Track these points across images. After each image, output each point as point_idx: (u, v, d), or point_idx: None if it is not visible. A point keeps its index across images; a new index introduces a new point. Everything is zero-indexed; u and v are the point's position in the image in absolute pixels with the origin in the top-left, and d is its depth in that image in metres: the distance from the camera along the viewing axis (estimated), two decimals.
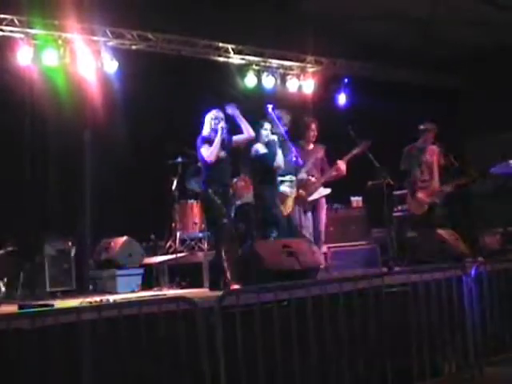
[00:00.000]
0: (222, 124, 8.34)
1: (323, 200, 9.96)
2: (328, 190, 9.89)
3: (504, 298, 6.91)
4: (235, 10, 11.03)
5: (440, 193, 10.35)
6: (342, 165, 9.70)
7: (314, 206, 9.82)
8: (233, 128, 8.61)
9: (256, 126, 9.12)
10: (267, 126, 9.29)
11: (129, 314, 4.61)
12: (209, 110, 8.55)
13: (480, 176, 10.30)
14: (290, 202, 9.42)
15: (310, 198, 9.69)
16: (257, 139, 9.22)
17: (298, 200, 9.59)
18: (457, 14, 12.21)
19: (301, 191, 9.58)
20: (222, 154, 8.35)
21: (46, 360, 4.28)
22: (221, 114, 8.46)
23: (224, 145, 8.35)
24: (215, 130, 8.33)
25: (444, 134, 10.61)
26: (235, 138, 8.59)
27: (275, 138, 9.14)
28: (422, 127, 10.50)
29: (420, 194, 10.34)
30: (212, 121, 8.42)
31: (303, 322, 5.36)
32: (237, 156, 9.22)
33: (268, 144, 9.22)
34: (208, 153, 8.24)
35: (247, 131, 8.60)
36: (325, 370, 5.47)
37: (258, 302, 5.06)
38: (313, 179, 9.77)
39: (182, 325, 4.73)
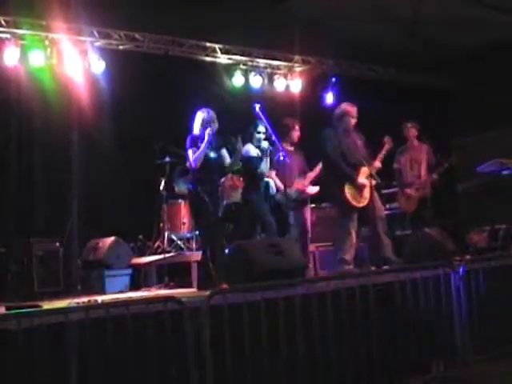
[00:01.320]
0: (209, 129, 8.32)
1: (307, 199, 9.99)
2: (316, 188, 9.87)
3: (492, 296, 6.93)
4: (222, 9, 11.01)
5: (426, 183, 10.43)
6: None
7: (298, 206, 9.77)
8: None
9: (250, 128, 9.16)
10: (261, 129, 9.27)
11: (116, 315, 4.60)
12: (199, 108, 8.55)
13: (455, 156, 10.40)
14: (366, 194, 9.32)
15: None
16: (249, 140, 9.25)
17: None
18: (445, 13, 12.22)
19: None
20: (210, 154, 8.36)
21: (33, 361, 4.26)
22: (212, 115, 8.45)
23: (212, 145, 8.36)
24: (204, 132, 8.33)
25: (432, 133, 10.66)
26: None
27: (267, 144, 9.12)
28: (403, 126, 10.69)
29: (409, 190, 10.55)
30: (203, 121, 8.42)
31: (291, 321, 5.36)
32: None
33: (259, 148, 9.22)
34: (193, 158, 8.26)
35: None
36: (312, 368, 5.47)
37: (245, 302, 5.06)
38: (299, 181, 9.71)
39: (169, 325, 4.73)
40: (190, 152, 8.31)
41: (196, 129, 8.44)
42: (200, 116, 8.47)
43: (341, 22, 11.99)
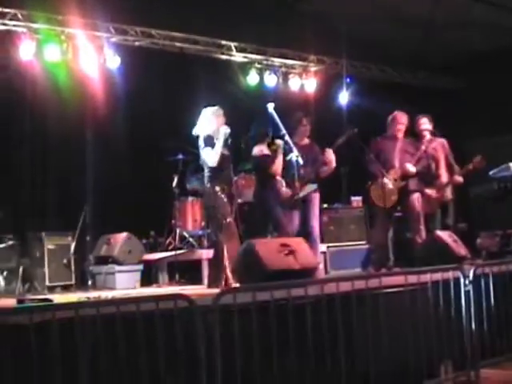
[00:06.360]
0: (225, 126, 8.31)
1: (313, 195, 9.36)
2: (314, 186, 9.38)
3: (501, 300, 6.92)
4: (238, 7, 11.04)
5: (448, 185, 10.27)
6: (329, 155, 9.20)
7: (304, 203, 9.25)
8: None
9: (258, 127, 9.14)
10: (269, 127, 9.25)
11: (126, 311, 4.62)
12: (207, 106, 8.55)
13: (482, 160, 10.21)
14: (393, 197, 9.46)
15: (299, 195, 9.06)
16: (260, 140, 9.23)
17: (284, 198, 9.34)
18: (458, 16, 12.23)
19: None
20: (225, 151, 8.35)
21: (43, 355, 4.29)
22: (221, 112, 8.44)
23: (226, 143, 8.35)
24: (218, 130, 8.31)
25: (444, 135, 10.61)
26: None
27: (279, 141, 9.06)
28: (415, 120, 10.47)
29: (429, 191, 10.15)
30: (216, 119, 8.39)
31: (300, 321, 5.36)
32: (237, 154, 9.24)
33: (270, 146, 9.19)
34: (210, 157, 8.22)
35: None
36: (321, 368, 5.48)
37: (254, 301, 5.07)
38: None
39: (179, 322, 4.74)
40: (206, 151, 8.28)
41: (208, 128, 8.39)
42: (212, 114, 8.45)
43: (356, 22, 12.00)
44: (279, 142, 9.05)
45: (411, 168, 9.52)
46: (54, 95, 10.48)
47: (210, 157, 8.22)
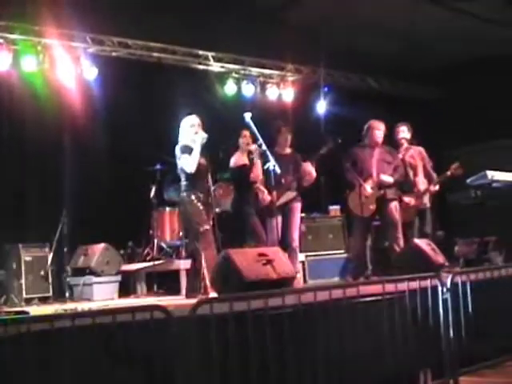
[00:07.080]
0: (201, 132, 8.29)
1: (294, 205, 9.51)
2: (293, 194, 9.48)
3: (479, 308, 6.94)
4: (215, 17, 11.03)
5: (426, 194, 10.33)
6: (307, 167, 9.46)
7: (285, 212, 9.44)
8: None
9: (234, 135, 9.14)
10: (246, 133, 9.26)
11: (103, 323, 4.59)
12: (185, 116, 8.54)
13: (459, 167, 10.27)
14: (371, 205, 9.53)
15: (278, 203, 9.24)
16: (236, 148, 9.24)
17: (263, 205, 9.36)
18: (436, 26, 12.30)
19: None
20: (202, 160, 8.33)
21: (20, 368, 4.25)
22: (198, 120, 8.42)
23: (203, 152, 8.32)
24: (193, 138, 8.29)
25: (423, 144, 10.66)
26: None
27: (255, 147, 9.07)
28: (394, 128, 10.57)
29: (406, 199, 10.25)
30: (190, 128, 8.38)
31: (278, 331, 5.35)
32: (215, 163, 9.22)
33: (248, 153, 9.21)
34: (188, 163, 8.20)
35: None
36: (300, 378, 5.47)
37: (231, 312, 5.05)
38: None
39: (155, 333, 4.72)
40: (183, 159, 8.25)
41: (184, 138, 8.38)
42: (187, 124, 8.44)
43: (334, 32, 12.03)
44: (253, 147, 9.07)
45: (388, 178, 9.56)
46: (31, 106, 10.43)
47: (189, 162, 8.18)
